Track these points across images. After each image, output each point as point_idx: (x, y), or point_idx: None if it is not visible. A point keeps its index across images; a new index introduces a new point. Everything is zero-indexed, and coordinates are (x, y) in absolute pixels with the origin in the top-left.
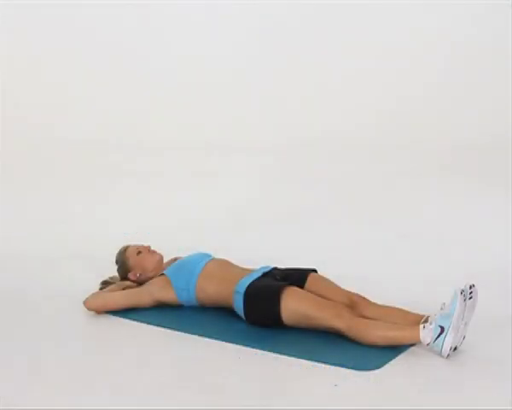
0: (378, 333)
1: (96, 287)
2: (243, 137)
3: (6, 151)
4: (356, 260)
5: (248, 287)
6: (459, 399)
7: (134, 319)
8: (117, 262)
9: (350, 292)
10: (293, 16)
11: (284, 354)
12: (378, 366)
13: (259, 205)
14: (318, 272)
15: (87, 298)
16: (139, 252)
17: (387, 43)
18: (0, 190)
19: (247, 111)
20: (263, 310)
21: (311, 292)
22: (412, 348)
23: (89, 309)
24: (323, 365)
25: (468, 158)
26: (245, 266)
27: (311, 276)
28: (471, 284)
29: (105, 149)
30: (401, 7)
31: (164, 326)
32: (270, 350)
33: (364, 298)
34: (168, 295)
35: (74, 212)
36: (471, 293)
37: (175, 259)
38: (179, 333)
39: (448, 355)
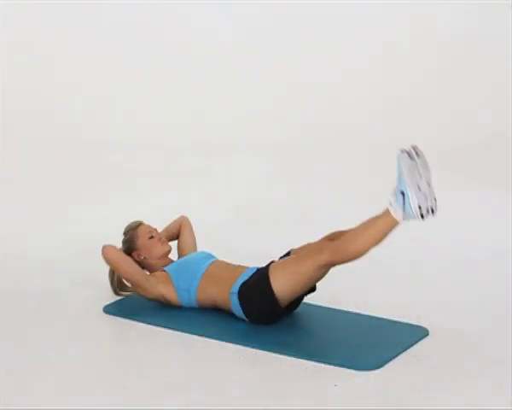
0: (358, 240)
1: (96, 288)
2: (243, 137)
3: (6, 151)
4: (355, 260)
5: (241, 285)
6: (459, 399)
7: (134, 319)
8: (125, 235)
9: (326, 235)
10: (292, 16)
11: (284, 354)
12: (378, 366)
13: (259, 205)
14: None
15: (108, 245)
16: (151, 237)
17: (387, 43)
18: (0, 190)
19: (247, 111)
20: (258, 299)
21: None
22: (412, 348)
23: (104, 256)
24: (323, 365)
25: (469, 158)
26: (244, 265)
27: (293, 250)
28: (413, 145)
29: (105, 148)
30: (400, 7)
31: (164, 326)
32: (270, 350)
33: (341, 230)
34: (170, 294)
35: (74, 212)
36: (416, 152)
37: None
38: (179, 333)
39: (422, 216)
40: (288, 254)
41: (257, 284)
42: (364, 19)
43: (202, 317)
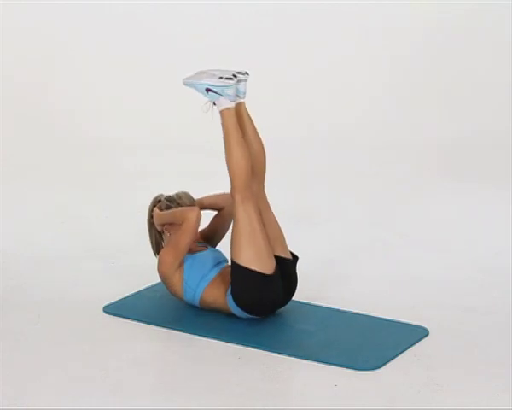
0: (230, 155)
1: (96, 288)
2: None
3: (6, 150)
4: (356, 260)
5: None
6: (459, 399)
7: (134, 319)
8: (173, 202)
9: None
10: (291, 18)
11: (284, 354)
12: (378, 366)
13: None
14: (320, 272)
15: (199, 210)
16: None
17: (386, 42)
18: (0, 190)
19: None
20: (240, 284)
21: None
22: (412, 348)
23: (190, 214)
24: (323, 365)
25: (469, 157)
26: None
27: None
28: None
29: (105, 148)
30: (399, 6)
31: (164, 326)
32: (270, 350)
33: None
34: (177, 284)
35: (74, 212)
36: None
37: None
38: (179, 333)
39: (231, 78)
40: None
41: (233, 275)
42: (364, 17)
43: (202, 317)
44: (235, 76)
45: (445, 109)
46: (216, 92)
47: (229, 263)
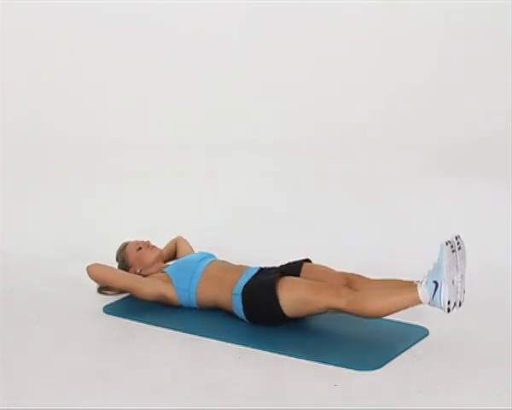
0: (378, 302)
1: (96, 287)
2: (243, 137)
3: (6, 151)
4: (356, 261)
5: (245, 287)
6: (459, 399)
7: (134, 319)
8: (117, 259)
9: (346, 272)
10: (294, 19)
11: (284, 354)
12: (378, 366)
13: (259, 205)
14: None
15: (92, 264)
16: (139, 248)
17: (387, 43)
18: (0, 190)
19: (247, 111)
20: (262, 307)
21: (308, 279)
22: (412, 348)
23: (89, 275)
24: (323, 365)
25: (469, 156)
26: (245, 265)
27: (305, 265)
28: (456, 235)
29: (105, 148)
30: (399, 6)
31: (164, 326)
32: (270, 350)
33: (360, 275)
34: (169, 294)
35: (74, 212)
36: (458, 243)
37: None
38: (179, 333)
39: (449, 310)
40: (301, 261)
41: (263, 292)
42: (364, 18)
43: (203, 317)
44: (454, 307)
45: (446, 109)
46: (434, 292)
47: (218, 258)
